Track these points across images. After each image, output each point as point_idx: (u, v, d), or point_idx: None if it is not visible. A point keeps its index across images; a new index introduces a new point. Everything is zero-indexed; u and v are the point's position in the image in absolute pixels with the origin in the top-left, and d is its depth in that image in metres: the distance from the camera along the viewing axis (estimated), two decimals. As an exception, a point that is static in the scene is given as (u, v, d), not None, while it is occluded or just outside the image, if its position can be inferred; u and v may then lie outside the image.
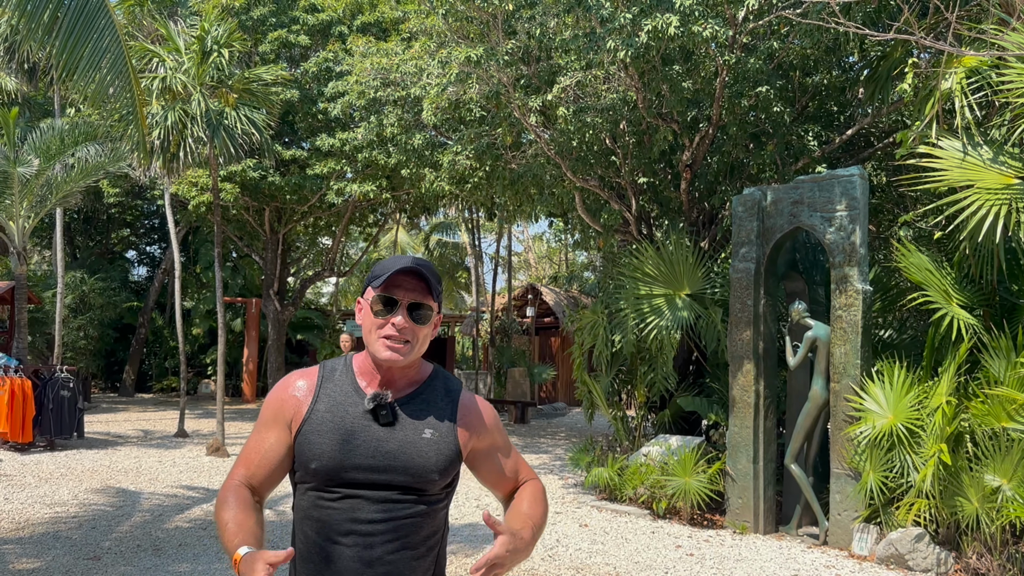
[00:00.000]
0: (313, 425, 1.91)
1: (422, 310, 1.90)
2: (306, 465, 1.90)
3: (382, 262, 1.93)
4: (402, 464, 1.87)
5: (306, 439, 1.90)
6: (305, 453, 1.90)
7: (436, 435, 1.92)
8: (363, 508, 1.87)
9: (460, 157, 11.91)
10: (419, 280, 1.90)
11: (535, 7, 9.75)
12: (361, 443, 1.88)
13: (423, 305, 1.89)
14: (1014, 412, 6.37)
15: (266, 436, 1.97)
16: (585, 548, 7.11)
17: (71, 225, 25.18)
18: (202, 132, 12.02)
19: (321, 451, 1.88)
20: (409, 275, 1.89)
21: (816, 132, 10.35)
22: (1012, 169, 6.72)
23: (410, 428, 1.91)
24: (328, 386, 1.97)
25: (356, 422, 1.90)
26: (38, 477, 9.98)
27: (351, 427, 1.89)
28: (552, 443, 14.79)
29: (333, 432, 1.89)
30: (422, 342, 1.91)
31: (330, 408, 1.93)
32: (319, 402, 1.94)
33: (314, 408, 1.93)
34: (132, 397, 23.32)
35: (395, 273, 1.87)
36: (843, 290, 7.34)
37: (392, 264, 1.89)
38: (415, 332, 1.89)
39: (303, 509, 1.93)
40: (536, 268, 39.59)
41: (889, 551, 6.65)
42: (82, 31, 6.40)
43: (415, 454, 1.88)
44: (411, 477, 1.88)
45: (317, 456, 1.88)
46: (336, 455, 1.87)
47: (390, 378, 1.94)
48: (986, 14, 7.60)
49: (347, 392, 1.95)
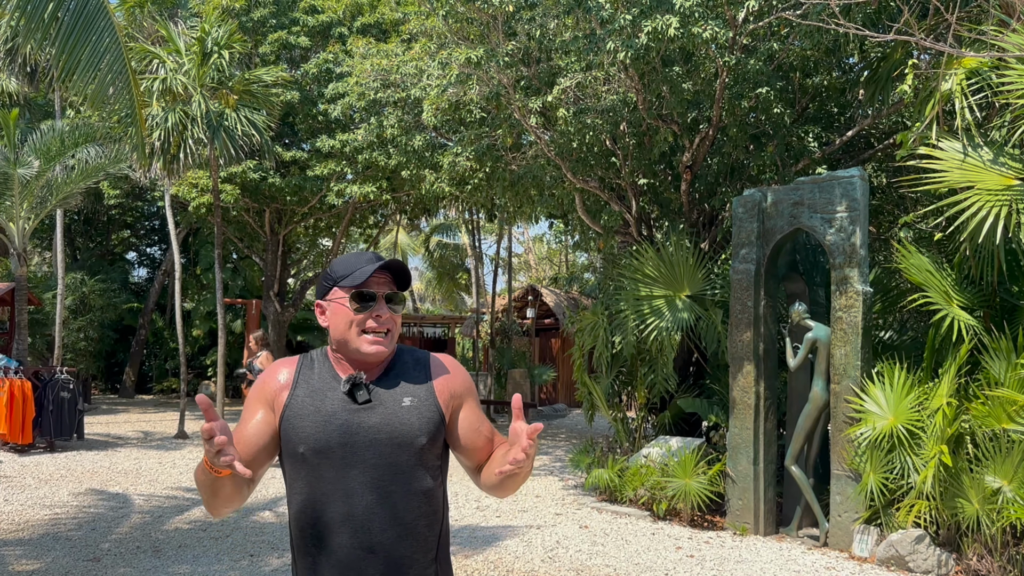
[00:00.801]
0: (295, 410, 1.95)
1: (396, 298, 2.00)
2: (294, 451, 1.92)
3: (340, 260, 2.01)
4: (387, 435, 1.90)
5: (290, 424, 1.94)
6: (292, 439, 1.93)
7: (415, 400, 1.97)
8: (357, 493, 1.88)
9: (460, 158, 11.90)
10: (386, 271, 1.99)
11: (535, 8, 9.75)
12: (343, 423, 1.91)
13: (396, 294, 2.00)
14: (1015, 413, 6.36)
15: (250, 415, 2.01)
16: (585, 550, 7.11)
17: (71, 226, 25.17)
18: (202, 133, 12.03)
19: (306, 434, 1.91)
20: (384, 270, 1.99)
21: (816, 133, 10.34)
22: (1012, 170, 6.71)
23: (389, 401, 1.95)
24: (307, 373, 2.02)
25: (336, 405, 1.94)
26: (38, 478, 9.97)
27: (331, 409, 1.93)
28: (552, 444, 14.78)
29: (315, 415, 1.93)
30: (397, 328, 2.01)
31: (309, 394, 1.97)
32: (298, 387, 1.98)
33: (294, 393, 1.98)
34: (132, 398, 23.31)
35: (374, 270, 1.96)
36: (843, 291, 7.33)
37: (357, 263, 1.97)
38: (394, 320, 1.98)
39: (297, 504, 1.94)
40: (536, 269, 39.59)
41: (890, 553, 6.65)
42: (81, 32, 6.40)
43: (398, 423, 1.92)
44: (399, 447, 1.90)
45: (303, 439, 1.91)
46: (321, 436, 1.90)
47: (362, 366, 2.00)
48: (986, 15, 7.60)
49: (325, 379, 2.00)
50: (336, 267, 2.00)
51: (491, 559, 6.73)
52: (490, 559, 6.73)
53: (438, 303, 42.09)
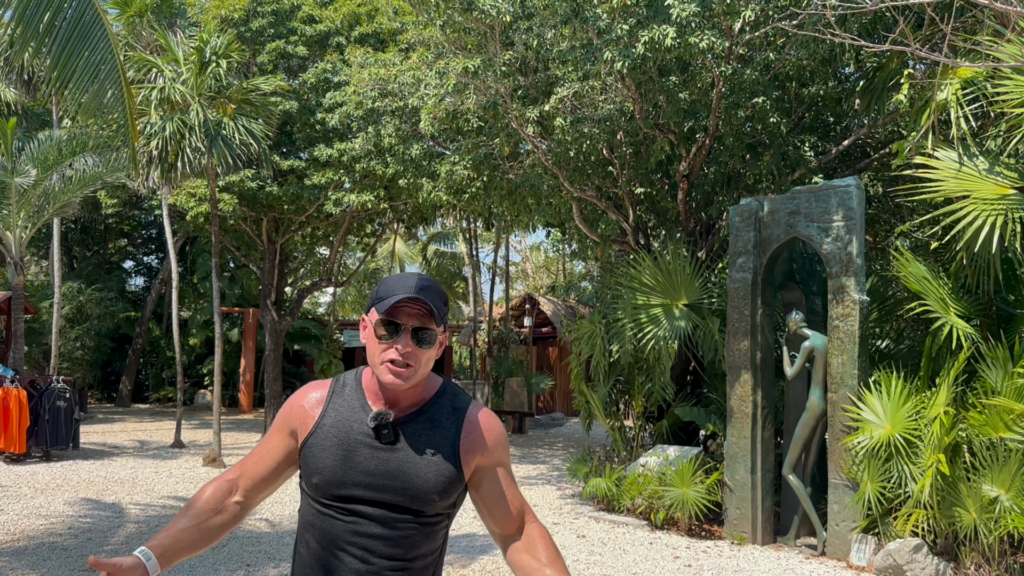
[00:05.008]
0: (318, 439, 1.93)
1: (426, 334, 1.87)
2: (309, 478, 1.93)
3: (387, 281, 1.91)
4: (400, 484, 1.88)
5: (311, 451, 1.93)
6: (309, 465, 1.93)
7: (437, 455, 1.90)
8: (363, 523, 1.89)
9: (458, 167, 11.92)
10: (422, 304, 1.87)
11: (532, 18, 9.79)
12: (362, 460, 1.89)
13: (427, 329, 1.87)
14: (1012, 422, 6.36)
15: (271, 438, 2.02)
16: (583, 559, 7.09)
17: (68, 235, 25.15)
18: (200, 142, 12.04)
19: (323, 466, 1.90)
20: (413, 301, 1.87)
21: (812, 143, 10.38)
22: (1008, 179, 6.74)
23: (412, 447, 1.90)
24: (337, 400, 1.97)
25: (359, 439, 1.91)
26: (33, 488, 9.94)
27: (353, 444, 1.90)
28: (550, 453, 14.75)
29: (336, 447, 1.91)
30: (425, 364, 1.89)
31: (336, 423, 1.94)
32: (326, 416, 1.95)
33: (321, 422, 1.95)
34: (129, 407, 23.24)
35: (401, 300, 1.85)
36: (840, 300, 7.34)
37: (396, 287, 1.87)
38: (418, 356, 1.87)
39: (307, 517, 1.96)
40: (534, 278, 39.60)
41: (887, 562, 6.64)
42: (77, 42, 6.40)
43: (414, 475, 1.88)
44: (409, 497, 1.88)
45: (319, 471, 1.90)
46: (337, 471, 1.89)
47: (395, 396, 1.93)
48: (981, 26, 7.64)
49: (354, 408, 1.95)
50: (380, 286, 1.93)
51: (488, 568, 6.71)
52: (487, 568, 6.71)
53: (435, 312, 41.94)
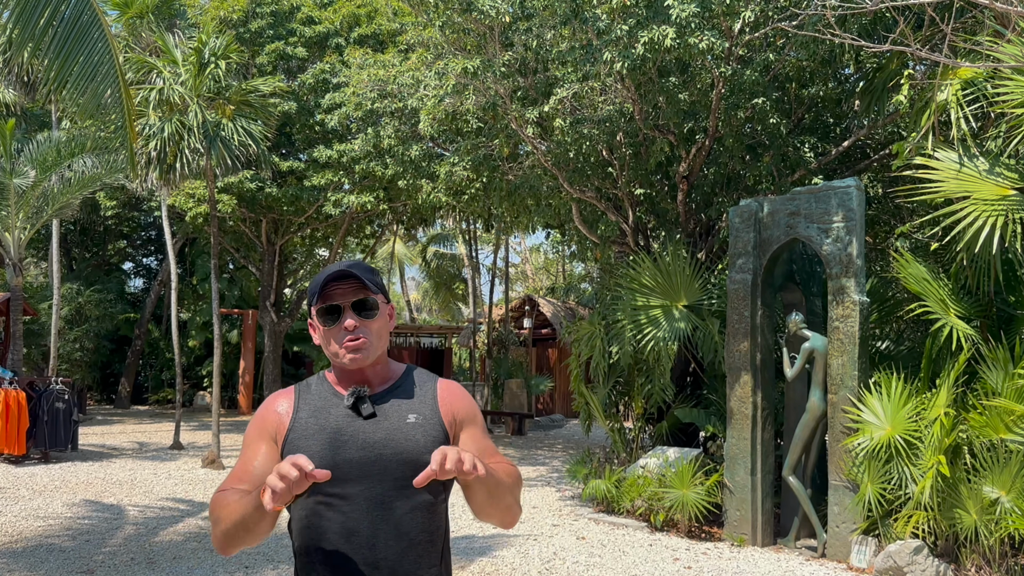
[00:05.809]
0: (298, 432, 1.92)
1: (366, 303, 1.94)
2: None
3: (314, 279, 1.97)
4: (392, 451, 1.88)
5: (294, 445, 1.91)
6: None
7: (420, 418, 1.94)
8: (361, 509, 1.86)
9: (457, 168, 11.91)
10: (351, 279, 1.93)
11: (532, 19, 9.78)
12: (349, 438, 1.89)
13: (366, 300, 1.94)
14: (1012, 423, 6.35)
15: (254, 451, 1.95)
16: (583, 561, 7.07)
17: (67, 237, 25.14)
18: (199, 143, 12.02)
19: (311, 452, 1.87)
20: (339, 279, 1.93)
21: (812, 144, 10.37)
22: (1008, 180, 6.73)
23: (394, 416, 1.93)
24: (306, 397, 1.99)
25: (339, 422, 1.92)
26: (32, 489, 9.92)
27: (336, 425, 1.91)
28: (549, 455, 14.74)
29: (319, 433, 1.90)
30: (379, 335, 1.95)
31: (312, 414, 1.94)
32: (300, 411, 1.96)
33: (296, 417, 1.95)
34: (128, 409, 23.22)
35: (327, 283, 1.92)
36: (840, 301, 7.33)
37: (320, 277, 1.94)
38: (368, 327, 1.93)
39: (302, 519, 1.91)
40: (533, 279, 39.60)
41: (888, 563, 6.62)
42: (75, 43, 6.39)
43: (403, 439, 1.90)
44: (403, 463, 1.87)
45: (310, 457, 1.84)
46: (326, 453, 1.87)
47: (363, 379, 1.97)
48: (981, 26, 7.63)
49: (326, 397, 1.97)
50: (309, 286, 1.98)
51: (487, 570, 6.69)
52: (486, 570, 6.69)
53: (435, 313, 42.06)
